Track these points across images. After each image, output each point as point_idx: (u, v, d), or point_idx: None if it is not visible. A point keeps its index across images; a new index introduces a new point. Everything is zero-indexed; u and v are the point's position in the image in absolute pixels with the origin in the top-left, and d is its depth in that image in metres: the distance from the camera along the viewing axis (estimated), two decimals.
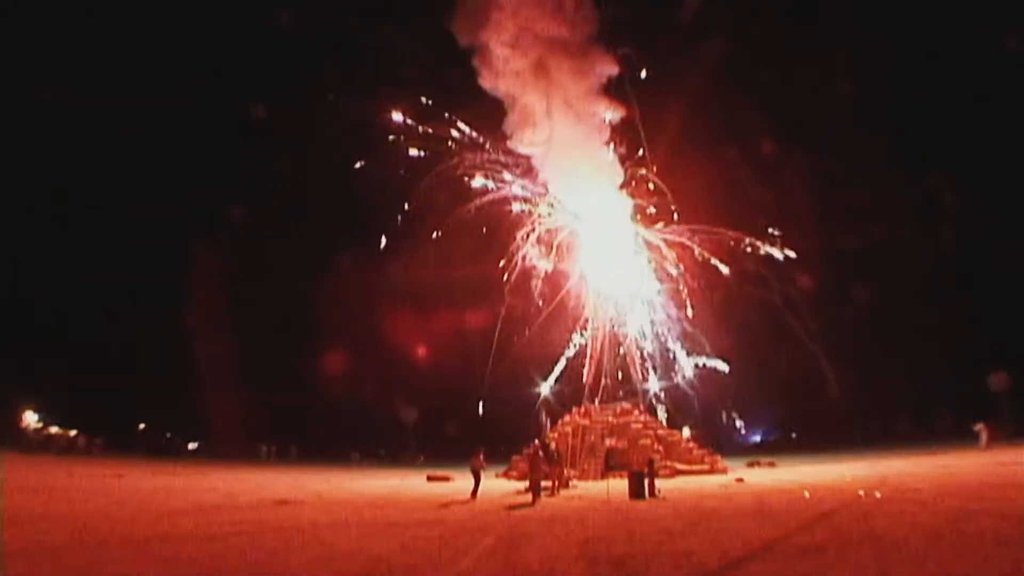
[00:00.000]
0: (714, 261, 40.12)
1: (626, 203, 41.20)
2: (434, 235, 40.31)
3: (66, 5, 44.42)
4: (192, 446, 56.93)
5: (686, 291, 40.86)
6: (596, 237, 41.33)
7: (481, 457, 22.33)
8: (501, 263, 40.94)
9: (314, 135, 42.75)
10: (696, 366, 40.20)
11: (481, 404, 40.20)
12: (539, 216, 41.67)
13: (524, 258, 41.55)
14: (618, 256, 41.20)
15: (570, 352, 40.41)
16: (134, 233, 50.74)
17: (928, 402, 40.88)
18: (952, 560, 8.32)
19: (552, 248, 41.57)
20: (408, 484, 28.54)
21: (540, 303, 41.48)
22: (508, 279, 40.90)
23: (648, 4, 41.63)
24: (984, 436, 32.61)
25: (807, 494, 17.12)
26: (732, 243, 40.29)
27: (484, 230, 41.34)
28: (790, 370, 41.11)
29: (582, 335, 40.16)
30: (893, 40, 42.52)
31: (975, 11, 39.71)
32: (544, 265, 41.69)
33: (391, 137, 39.75)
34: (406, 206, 39.84)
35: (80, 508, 15.90)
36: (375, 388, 47.92)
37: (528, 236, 41.62)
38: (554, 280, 41.58)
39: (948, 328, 41.75)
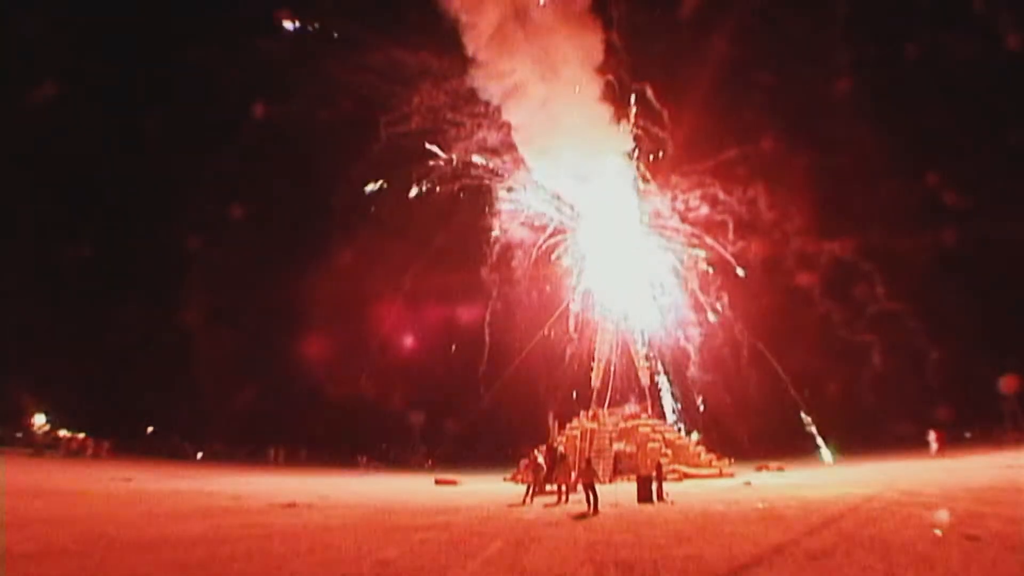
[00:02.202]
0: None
1: (626, 169, 39.54)
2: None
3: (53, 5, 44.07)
4: (199, 452, 57.03)
5: (697, 284, 40.27)
6: (593, 215, 40.06)
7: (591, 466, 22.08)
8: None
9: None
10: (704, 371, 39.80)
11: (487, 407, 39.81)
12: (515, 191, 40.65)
13: (505, 232, 40.97)
14: (621, 240, 40.21)
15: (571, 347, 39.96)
16: (136, 234, 50.67)
17: (934, 405, 40.37)
18: (960, 564, 8.30)
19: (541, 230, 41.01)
20: (416, 487, 28.55)
21: (532, 292, 41.04)
22: (490, 254, 40.66)
23: None
24: (935, 444, 32.93)
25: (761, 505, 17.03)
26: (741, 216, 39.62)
27: (460, 191, 40.96)
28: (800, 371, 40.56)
29: (589, 336, 39.69)
30: None
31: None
32: (521, 233, 40.96)
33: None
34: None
35: (89, 511, 15.96)
36: (377, 387, 47.48)
37: (497, 208, 40.88)
38: (551, 272, 41.19)
39: (958, 331, 41.21)
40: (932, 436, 33.60)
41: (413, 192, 41.27)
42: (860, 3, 40.52)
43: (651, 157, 40.47)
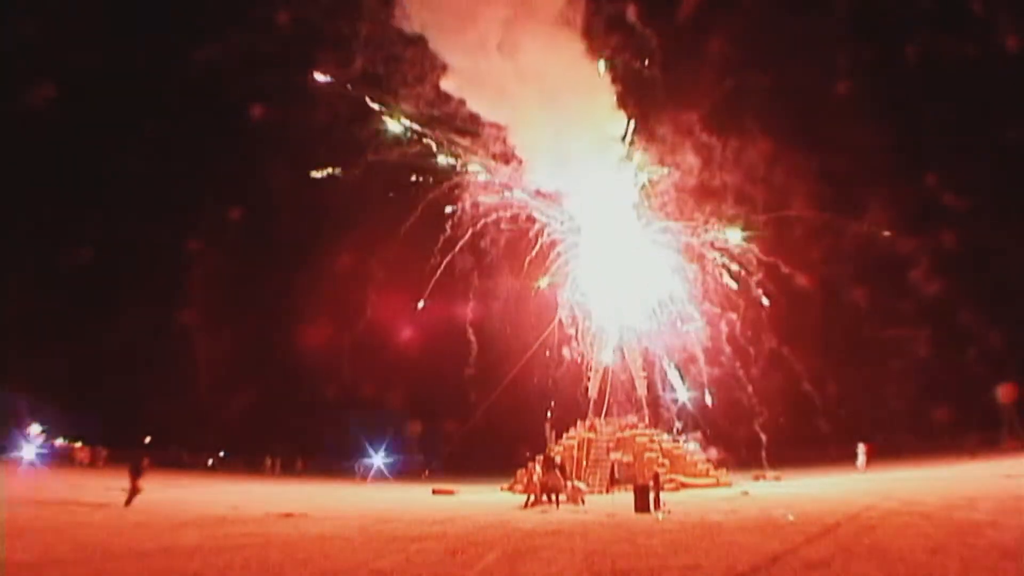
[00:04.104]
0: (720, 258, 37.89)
1: (608, 119, 35.68)
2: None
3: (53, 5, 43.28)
4: (210, 460, 56.94)
5: (700, 287, 38.67)
6: (574, 185, 37.02)
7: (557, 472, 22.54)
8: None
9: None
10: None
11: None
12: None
13: (477, 211, 37.76)
14: (617, 245, 37.97)
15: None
16: (134, 238, 50.17)
17: (930, 414, 39.97)
18: (957, 573, 8.31)
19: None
20: (413, 497, 28.48)
21: (517, 286, 38.83)
22: (461, 238, 37.76)
23: None
24: (863, 457, 32.87)
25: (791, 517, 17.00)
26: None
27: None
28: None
29: (582, 344, 38.85)
30: None
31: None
32: (497, 212, 37.65)
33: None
34: None
35: (85, 520, 15.93)
36: (373, 391, 46.49)
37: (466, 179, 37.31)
38: (535, 261, 38.74)
39: (955, 338, 40.61)
40: (861, 449, 33.54)
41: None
42: None
43: (636, 98, 35.97)
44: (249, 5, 37.34)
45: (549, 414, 36.23)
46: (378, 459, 46.14)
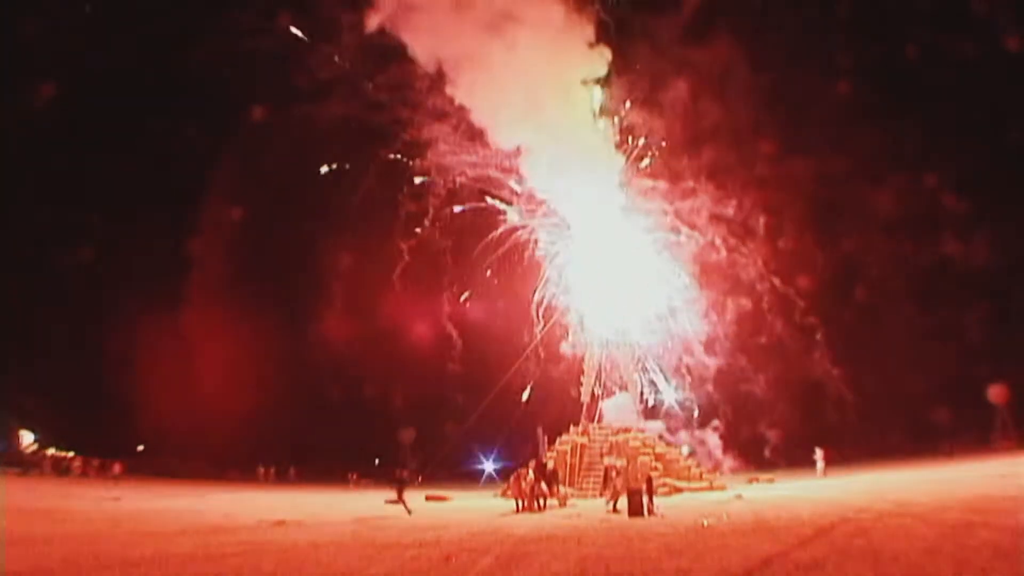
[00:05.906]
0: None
1: (611, 161, 34.51)
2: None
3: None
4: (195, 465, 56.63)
5: (694, 285, 37.79)
6: (575, 211, 35.46)
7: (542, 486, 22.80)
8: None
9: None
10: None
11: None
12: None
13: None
14: (606, 240, 36.37)
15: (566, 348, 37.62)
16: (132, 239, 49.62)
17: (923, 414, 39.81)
18: (951, 574, 8.33)
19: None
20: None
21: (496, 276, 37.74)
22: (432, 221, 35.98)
23: None
24: (821, 463, 32.91)
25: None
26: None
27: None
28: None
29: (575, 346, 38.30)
30: None
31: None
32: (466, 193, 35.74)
33: None
34: None
35: (77, 530, 15.82)
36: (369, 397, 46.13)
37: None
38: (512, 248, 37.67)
39: (947, 338, 40.45)
40: (819, 454, 33.49)
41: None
42: None
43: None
44: None
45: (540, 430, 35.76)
46: (489, 465, 45.84)
